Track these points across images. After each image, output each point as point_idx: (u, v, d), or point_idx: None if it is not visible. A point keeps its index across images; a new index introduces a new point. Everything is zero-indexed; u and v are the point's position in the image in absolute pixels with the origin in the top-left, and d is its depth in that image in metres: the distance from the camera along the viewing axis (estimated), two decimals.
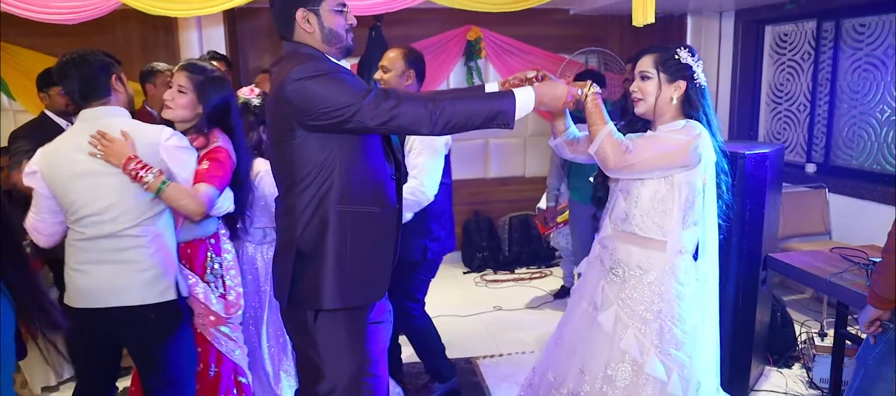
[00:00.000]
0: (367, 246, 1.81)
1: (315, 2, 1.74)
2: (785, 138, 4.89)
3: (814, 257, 2.96)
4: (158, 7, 2.89)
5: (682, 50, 1.95)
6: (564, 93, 1.82)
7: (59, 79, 2.02)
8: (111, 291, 1.97)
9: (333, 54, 1.80)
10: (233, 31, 4.72)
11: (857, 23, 4.23)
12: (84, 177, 1.94)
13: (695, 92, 1.95)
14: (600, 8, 4.87)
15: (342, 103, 1.65)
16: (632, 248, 2.00)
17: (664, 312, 1.94)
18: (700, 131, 1.91)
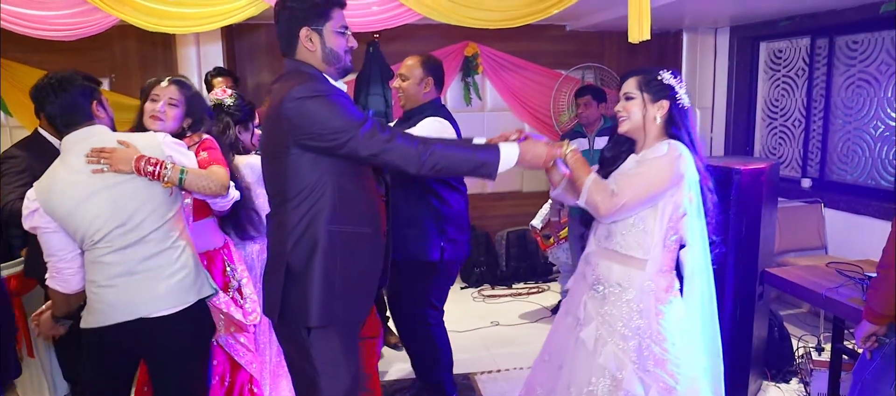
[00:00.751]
0: (355, 265, 1.83)
1: (319, 22, 1.77)
2: (780, 153, 4.92)
3: (810, 272, 2.96)
4: (157, 24, 2.90)
5: (665, 72, 2.00)
6: (544, 153, 1.90)
7: (38, 105, 1.95)
8: (148, 300, 1.94)
9: (332, 74, 1.83)
10: (231, 47, 4.75)
11: (850, 40, 4.27)
12: (96, 195, 1.90)
13: (677, 112, 1.99)
14: (597, 24, 4.91)
15: (338, 128, 1.68)
16: (613, 265, 2.03)
17: (643, 329, 1.95)
18: (682, 151, 1.94)
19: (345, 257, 1.79)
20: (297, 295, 1.78)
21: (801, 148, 4.70)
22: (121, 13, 2.79)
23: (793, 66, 4.76)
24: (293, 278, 1.78)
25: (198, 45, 4.36)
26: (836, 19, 4.13)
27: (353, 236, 1.81)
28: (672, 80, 1.99)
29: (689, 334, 2.02)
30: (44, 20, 2.75)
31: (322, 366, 1.81)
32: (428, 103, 2.79)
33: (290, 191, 1.76)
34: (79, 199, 1.89)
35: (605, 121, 3.88)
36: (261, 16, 3.16)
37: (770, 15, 4.49)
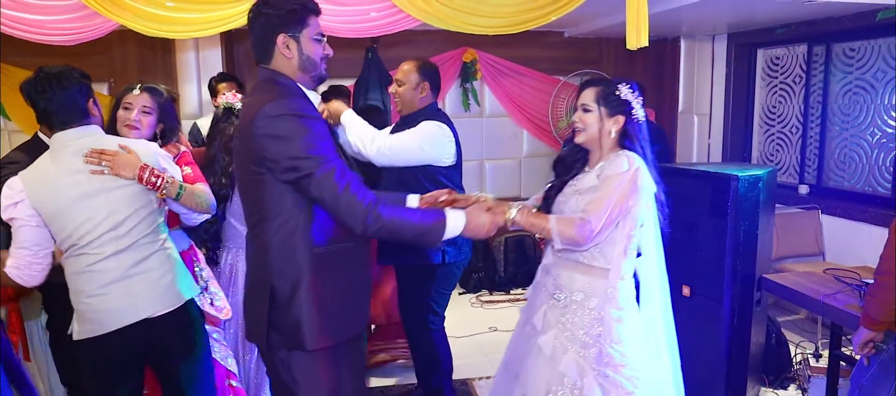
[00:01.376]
0: (345, 281, 1.79)
1: (296, 29, 1.73)
2: (778, 160, 4.94)
3: (808, 278, 2.97)
4: (156, 29, 2.91)
5: (623, 86, 2.02)
6: (487, 224, 1.85)
7: (34, 99, 1.91)
8: (149, 301, 1.97)
9: (306, 82, 1.80)
10: (230, 52, 4.76)
11: (847, 47, 4.29)
12: (92, 197, 1.90)
13: (632, 127, 2.02)
14: (595, 31, 4.93)
15: (297, 158, 1.63)
16: (576, 275, 2.05)
17: (603, 335, 1.98)
18: (639, 163, 1.97)
19: (333, 276, 1.76)
20: (288, 321, 1.73)
21: (799, 154, 4.71)
22: (120, 18, 2.79)
23: (790, 72, 4.78)
24: (281, 303, 1.73)
25: (197, 50, 4.38)
26: (833, 26, 4.15)
27: (338, 253, 1.76)
28: (629, 95, 2.01)
29: (648, 340, 2.06)
30: (43, 25, 2.75)
31: (307, 390, 1.78)
32: (425, 108, 2.80)
33: (267, 211, 1.71)
34: (72, 199, 1.89)
35: None
36: None
37: (767, 22, 4.51)
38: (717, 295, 2.95)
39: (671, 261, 3.14)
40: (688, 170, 3.14)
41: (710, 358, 3.02)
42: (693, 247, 3.04)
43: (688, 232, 3.06)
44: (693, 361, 3.09)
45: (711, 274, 2.96)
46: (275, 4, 1.72)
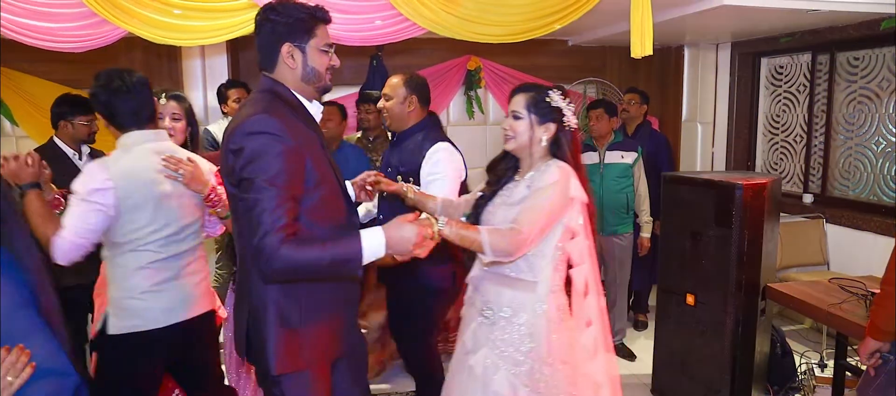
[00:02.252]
0: (320, 305, 1.70)
1: (303, 38, 1.67)
2: (782, 169, 4.93)
3: (812, 288, 2.97)
4: (164, 37, 2.92)
5: (555, 92, 1.95)
6: (413, 238, 1.58)
7: (111, 98, 1.95)
8: (194, 301, 2.12)
9: (310, 94, 1.74)
10: (235, 59, 4.78)
11: (851, 56, 4.30)
12: (169, 198, 2.03)
13: (564, 135, 1.95)
14: (599, 39, 4.94)
15: (245, 178, 1.54)
16: (502, 290, 1.95)
17: (535, 351, 1.89)
18: (570, 172, 1.91)
19: (305, 298, 1.66)
20: (258, 340, 1.67)
21: (803, 163, 4.71)
22: (129, 26, 2.81)
23: (794, 81, 4.78)
24: (254, 320, 1.67)
25: (203, 57, 4.40)
26: (837, 35, 4.16)
27: (308, 282, 1.66)
28: (561, 102, 1.94)
29: (583, 354, 1.97)
30: (52, 32, 2.77)
31: None
32: (417, 125, 2.68)
33: (241, 227, 1.63)
34: (151, 197, 2.00)
35: (615, 136, 3.88)
36: None
37: (771, 31, 4.52)
38: (721, 304, 2.95)
39: (675, 270, 3.17)
40: (692, 179, 3.14)
41: (715, 368, 3.01)
42: (697, 256, 3.04)
43: (692, 240, 3.06)
44: (697, 370, 3.09)
45: (716, 283, 2.96)
46: (282, 12, 1.65)
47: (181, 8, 2.93)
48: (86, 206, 1.90)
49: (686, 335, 3.14)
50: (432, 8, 3.14)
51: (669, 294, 3.23)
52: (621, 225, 3.84)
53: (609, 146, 3.84)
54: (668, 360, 3.29)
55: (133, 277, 2.00)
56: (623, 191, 3.81)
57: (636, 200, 3.85)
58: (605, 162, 3.82)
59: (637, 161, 3.83)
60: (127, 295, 2.00)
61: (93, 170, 1.95)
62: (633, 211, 3.88)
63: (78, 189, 1.92)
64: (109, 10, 2.77)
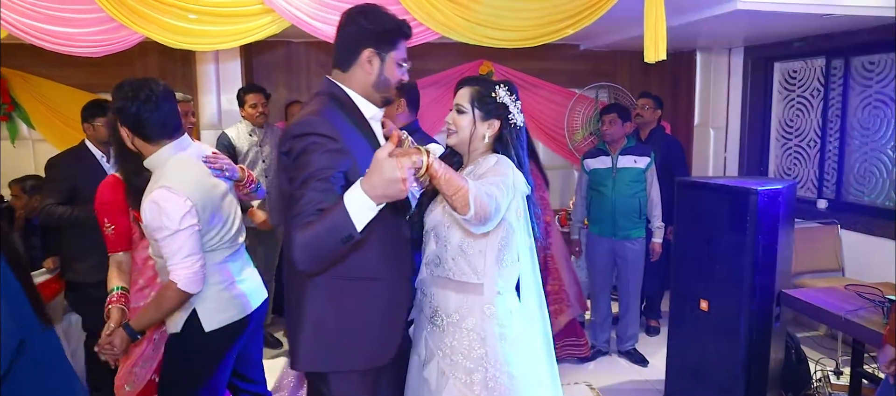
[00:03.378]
0: (357, 313, 1.71)
1: (385, 48, 1.70)
2: (795, 174, 4.90)
3: (828, 294, 2.95)
4: (180, 41, 2.96)
5: (501, 87, 1.87)
6: (395, 171, 1.39)
7: (144, 112, 1.93)
8: (260, 287, 2.27)
9: (376, 101, 1.77)
10: (249, 64, 4.82)
11: (866, 60, 4.27)
12: (224, 198, 2.13)
13: (509, 132, 1.87)
14: (610, 44, 4.94)
15: (293, 178, 1.57)
16: (448, 294, 1.85)
17: (488, 357, 1.81)
18: (512, 164, 1.83)
19: (342, 304, 1.68)
20: (292, 333, 1.73)
21: (817, 168, 4.68)
22: (146, 30, 2.85)
23: (808, 86, 4.76)
24: (291, 314, 1.73)
25: (217, 61, 4.43)
26: (852, 40, 4.14)
27: (354, 283, 1.69)
28: (507, 98, 1.86)
29: (531, 355, 1.91)
30: (72, 37, 2.81)
31: None
32: (405, 128, 2.64)
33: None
34: (219, 199, 2.07)
35: (628, 141, 3.86)
36: (279, 34, 3.21)
37: (784, 35, 4.50)
38: (735, 310, 2.93)
39: (689, 275, 3.16)
40: (706, 184, 3.13)
41: (729, 374, 2.99)
42: (711, 261, 3.02)
43: (705, 245, 3.04)
44: (711, 376, 3.07)
45: (730, 289, 2.94)
46: (372, 18, 1.69)
47: (196, 13, 2.96)
48: (184, 234, 1.90)
49: (700, 340, 3.12)
50: (445, 12, 3.15)
51: (683, 299, 3.21)
52: (634, 230, 3.82)
53: (622, 150, 3.83)
54: (681, 366, 3.27)
55: (223, 270, 2.10)
56: (635, 195, 3.79)
57: (648, 205, 3.83)
58: (618, 166, 3.81)
59: (650, 166, 3.81)
60: (221, 288, 2.08)
61: (167, 200, 1.89)
62: (646, 216, 3.86)
63: (165, 224, 1.88)
64: (127, 15, 2.80)
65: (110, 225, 2.19)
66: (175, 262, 1.91)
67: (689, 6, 3.64)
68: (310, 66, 5.09)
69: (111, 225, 2.19)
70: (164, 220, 1.88)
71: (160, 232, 1.90)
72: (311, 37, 3.16)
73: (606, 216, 3.83)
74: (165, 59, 4.68)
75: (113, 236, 2.20)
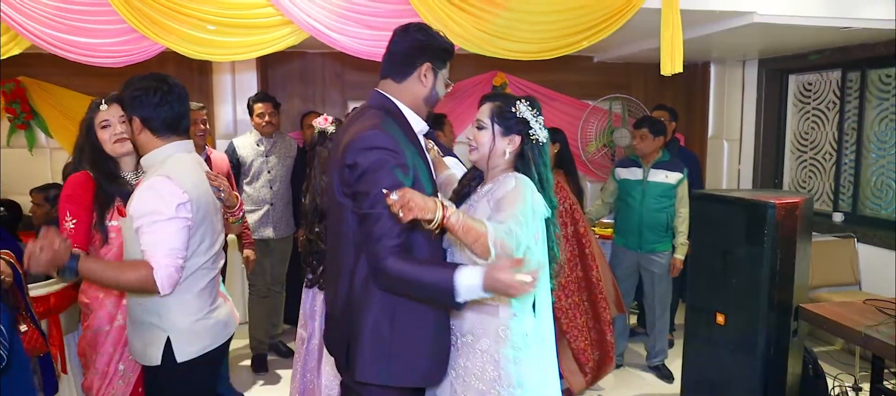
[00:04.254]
0: (415, 326, 1.72)
1: (440, 65, 1.78)
2: (810, 186, 4.87)
3: (847, 308, 2.92)
4: (201, 52, 3.00)
5: (522, 103, 1.84)
6: (514, 283, 1.49)
7: (161, 105, 1.90)
8: (233, 312, 2.19)
9: (422, 115, 1.81)
10: (264, 75, 4.86)
11: (883, 74, 4.25)
12: (217, 211, 2.08)
13: (531, 148, 1.83)
14: (624, 56, 4.94)
15: (364, 193, 1.60)
16: (464, 313, 1.82)
17: (501, 379, 1.77)
18: (528, 183, 1.79)
19: (401, 317, 1.69)
20: (341, 343, 1.74)
21: (833, 182, 4.65)
22: (167, 41, 2.89)
23: (823, 98, 4.74)
24: (345, 326, 1.73)
25: (233, 72, 4.48)
26: (869, 53, 4.12)
27: (411, 302, 1.69)
28: (527, 113, 1.83)
29: (545, 379, 1.86)
30: (95, 47, 2.86)
31: None
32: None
33: (348, 235, 1.68)
34: (211, 209, 2.02)
35: (663, 155, 3.81)
36: (295, 45, 3.24)
37: (800, 48, 4.49)
38: (753, 324, 2.91)
39: (705, 288, 3.14)
40: (722, 197, 3.11)
41: (746, 389, 2.96)
42: (728, 275, 3.00)
43: (722, 259, 3.02)
44: (728, 391, 3.04)
45: (747, 302, 2.92)
46: (431, 35, 1.77)
47: (215, 24, 3.00)
48: (175, 224, 1.82)
49: (716, 354, 3.09)
50: (462, 24, 3.17)
51: (699, 312, 3.19)
52: (660, 244, 3.77)
53: (654, 164, 3.78)
54: (697, 380, 3.25)
55: (197, 301, 1.98)
56: (663, 210, 3.74)
57: (676, 220, 3.76)
58: (649, 179, 3.76)
59: (681, 182, 3.74)
60: (195, 319, 1.97)
61: (165, 185, 1.83)
62: (672, 231, 3.81)
63: (159, 208, 1.81)
64: (149, 26, 2.84)
65: (72, 220, 2.05)
66: (159, 253, 1.79)
67: (706, 19, 3.64)
68: (325, 77, 5.13)
69: (73, 219, 2.05)
70: (159, 205, 1.80)
71: (150, 218, 1.80)
72: (327, 48, 3.19)
73: (632, 228, 3.81)
74: (182, 68, 4.72)
75: (73, 231, 2.04)
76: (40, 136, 4.82)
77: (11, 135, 4.74)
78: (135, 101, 1.91)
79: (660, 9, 3.23)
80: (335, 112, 5.05)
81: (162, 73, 1.98)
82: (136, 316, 2.00)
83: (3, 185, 4.48)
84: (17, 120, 4.66)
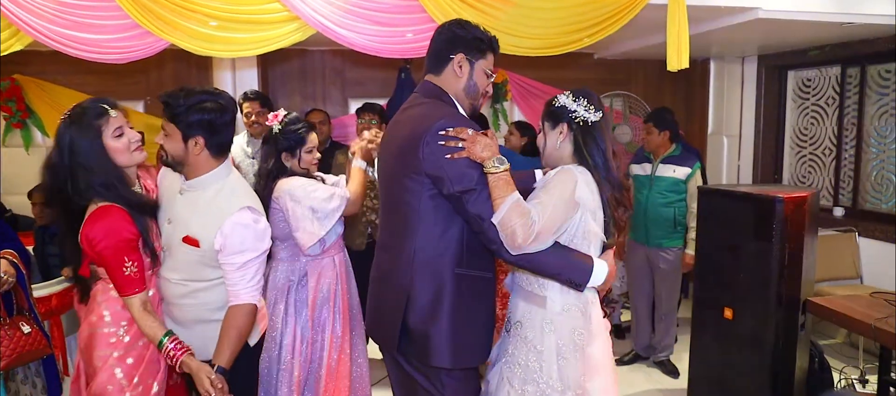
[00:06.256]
0: (481, 309, 1.79)
1: (475, 55, 1.81)
2: (810, 182, 4.90)
3: (854, 301, 2.93)
4: (205, 48, 2.95)
5: (562, 94, 1.86)
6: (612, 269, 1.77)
7: (229, 124, 1.88)
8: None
9: (466, 107, 1.85)
10: (265, 73, 4.82)
11: (882, 69, 4.27)
12: None
13: (578, 132, 1.81)
14: (625, 53, 4.95)
15: (468, 178, 1.64)
16: (518, 301, 1.86)
17: (542, 371, 1.76)
18: (577, 176, 1.75)
19: (472, 301, 1.75)
20: (423, 333, 1.73)
21: (833, 176, 4.67)
22: (172, 37, 2.85)
23: (822, 94, 4.76)
24: (418, 314, 1.73)
25: (234, 69, 4.44)
26: (868, 48, 4.14)
27: (479, 280, 1.76)
28: (567, 101, 1.83)
29: (600, 374, 1.82)
30: (98, 44, 2.81)
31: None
32: None
33: (416, 223, 1.72)
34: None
35: (675, 149, 3.78)
36: (296, 43, 3.20)
37: (800, 44, 4.51)
38: (761, 318, 2.91)
39: (712, 283, 3.14)
40: (730, 192, 3.11)
41: (754, 383, 2.97)
42: (735, 270, 3.00)
43: (729, 254, 3.03)
44: (736, 385, 3.05)
45: (755, 297, 2.93)
46: (465, 27, 1.83)
47: (219, 19, 2.95)
48: (264, 257, 1.90)
49: (724, 349, 3.10)
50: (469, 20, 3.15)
51: (706, 307, 3.19)
52: (667, 240, 3.76)
53: (664, 159, 3.77)
54: (704, 374, 3.25)
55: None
56: (670, 205, 3.73)
57: (687, 216, 3.74)
58: (656, 174, 3.76)
59: (691, 176, 3.71)
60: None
61: (257, 220, 1.86)
62: (682, 226, 3.78)
63: (255, 247, 1.86)
64: (153, 22, 2.80)
65: (132, 265, 1.83)
66: (247, 286, 1.84)
67: (709, 15, 3.64)
68: (325, 75, 5.09)
69: (132, 263, 1.83)
70: (256, 243, 1.83)
71: (242, 256, 1.81)
72: (328, 45, 3.16)
73: (640, 222, 3.82)
74: (182, 65, 4.69)
75: (137, 275, 1.84)
76: (36, 135, 4.75)
77: (7, 134, 4.67)
78: (203, 122, 1.81)
79: (665, 4, 3.23)
80: (335, 110, 5.02)
81: (216, 90, 1.89)
82: (202, 317, 1.97)
83: (1, 185, 4.43)
84: (13, 118, 4.59)
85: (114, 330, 1.92)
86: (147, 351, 1.95)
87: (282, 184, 2.47)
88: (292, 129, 2.54)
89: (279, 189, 2.47)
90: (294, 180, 2.49)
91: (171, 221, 1.95)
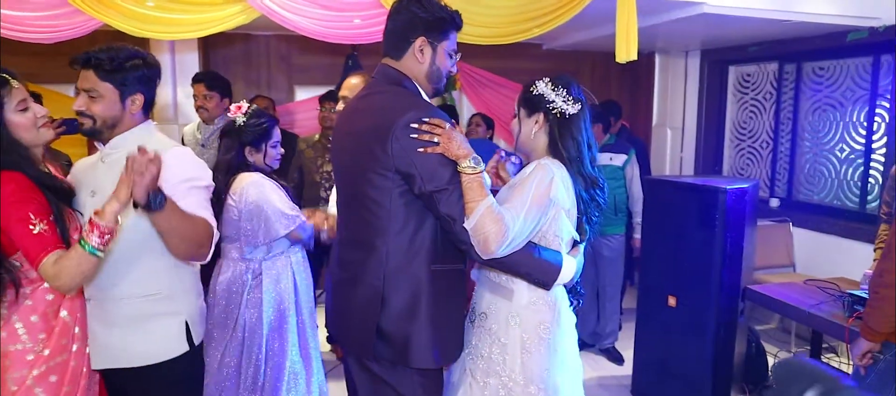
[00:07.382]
0: (459, 302, 1.74)
1: (437, 37, 1.68)
2: (748, 173, 5.08)
3: (790, 289, 3.05)
4: (139, 28, 2.80)
5: (542, 81, 1.76)
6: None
7: (156, 79, 1.82)
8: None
9: (428, 92, 1.74)
10: (206, 57, 4.64)
11: (816, 66, 4.45)
12: None
13: (556, 123, 1.73)
14: (573, 44, 4.99)
15: (436, 172, 1.56)
16: (483, 292, 1.82)
17: (506, 364, 1.73)
18: (552, 173, 1.69)
19: (450, 295, 1.70)
20: (399, 335, 1.65)
21: (769, 168, 4.85)
22: (104, 17, 2.69)
23: (761, 89, 4.93)
24: (394, 317, 1.65)
25: (173, 52, 4.25)
26: (804, 46, 4.30)
27: (454, 273, 1.70)
28: (546, 89, 1.74)
29: (566, 370, 1.79)
30: (22, 22, 2.63)
31: None
32: None
33: (385, 222, 1.62)
34: None
35: (610, 138, 3.89)
36: (240, 26, 3.08)
37: (739, 40, 4.64)
38: (704, 306, 3.00)
39: (656, 271, 3.21)
40: (675, 182, 3.19)
41: (697, 368, 3.06)
42: (679, 258, 3.08)
43: (674, 243, 3.10)
44: (679, 371, 3.13)
45: (698, 285, 3.01)
46: (426, 6, 1.66)
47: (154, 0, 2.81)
48: (208, 195, 1.81)
49: (667, 336, 3.18)
50: None
51: (651, 295, 3.27)
52: (609, 226, 3.84)
53: (600, 148, 3.84)
54: (648, 361, 3.33)
55: (196, 280, 1.92)
56: (611, 192, 3.81)
57: (630, 201, 3.85)
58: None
59: (628, 162, 3.83)
60: (199, 298, 1.92)
61: (195, 157, 1.81)
62: (623, 213, 3.89)
63: (199, 174, 1.76)
64: (86, 0, 2.64)
65: (39, 221, 1.61)
66: (208, 215, 1.76)
67: (656, 8, 3.70)
68: (270, 60, 4.94)
69: (40, 220, 1.62)
70: (199, 171, 1.78)
71: (192, 183, 1.74)
72: (274, 29, 3.05)
73: (608, 214, 3.86)
74: None
75: (48, 233, 1.62)
76: None
77: None
78: (144, 78, 1.74)
79: None
80: (281, 97, 4.88)
81: (136, 48, 1.78)
82: (144, 312, 1.77)
83: None
84: None
85: (31, 345, 1.69)
86: (71, 363, 1.75)
87: (245, 178, 2.36)
88: (258, 123, 2.43)
89: (241, 183, 2.35)
90: (260, 175, 2.40)
91: (94, 193, 1.74)
